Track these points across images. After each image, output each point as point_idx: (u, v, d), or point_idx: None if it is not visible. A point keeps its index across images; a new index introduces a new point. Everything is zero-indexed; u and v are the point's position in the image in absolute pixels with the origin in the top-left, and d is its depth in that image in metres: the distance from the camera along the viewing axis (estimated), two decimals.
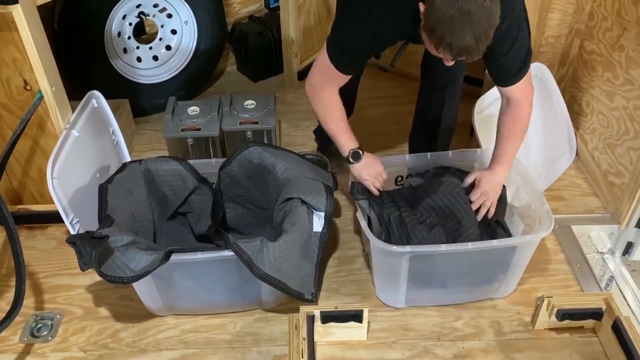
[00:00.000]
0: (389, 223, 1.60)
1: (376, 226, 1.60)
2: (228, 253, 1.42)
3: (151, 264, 1.37)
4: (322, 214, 1.56)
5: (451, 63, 1.31)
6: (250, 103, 2.15)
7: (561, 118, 2.09)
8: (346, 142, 1.61)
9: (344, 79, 1.54)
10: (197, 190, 1.74)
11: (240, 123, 2.08)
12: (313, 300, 1.56)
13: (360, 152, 1.61)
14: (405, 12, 1.34)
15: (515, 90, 1.51)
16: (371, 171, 1.63)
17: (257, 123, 2.08)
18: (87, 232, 1.38)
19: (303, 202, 1.57)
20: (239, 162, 1.72)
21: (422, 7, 1.28)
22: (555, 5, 2.14)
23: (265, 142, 2.10)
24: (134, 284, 1.46)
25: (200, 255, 1.44)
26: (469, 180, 1.64)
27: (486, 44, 1.25)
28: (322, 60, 1.51)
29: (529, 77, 1.51)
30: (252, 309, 1.63)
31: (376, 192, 1.63)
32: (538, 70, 2.04)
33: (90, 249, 1.33)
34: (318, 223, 1.57)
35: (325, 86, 1.56)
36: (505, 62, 1.46)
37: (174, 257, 1.40)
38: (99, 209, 1.53)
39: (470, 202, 1.62)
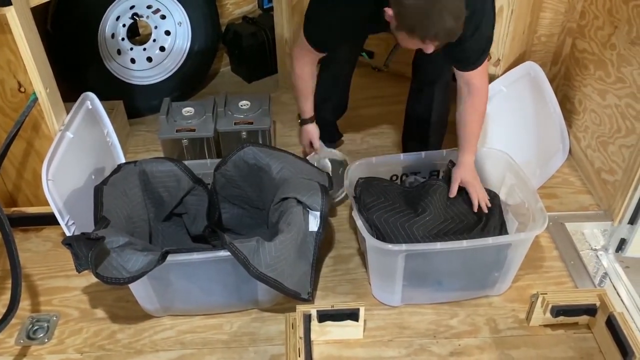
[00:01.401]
0: (377, 226, 1.60)
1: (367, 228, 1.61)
2: (224, 253, 1.42)
3: (147, 264, 1.38)
4: (318, 213, 1.57)
5: (431, 49, 1.36)
6: (244, 104, 2.15)
7: (554, 116, 2.11)
8: (301, 109, 1.90)
9: (315, 55, 1.70)
10: (192, 191, 1.74)
11: (235, 124, 2.08)
12: (309, 300, 1.56)
13: (304, 120, 1.93)
14: (363, 12, 1.42)
15: (476, 76, 1.58)
16: (303, 139, 1.99)
17: (252, 123, 2.08)
18: (83, 234, 1.38)
19: (299, 201, 1.57)
20: (234, 163, 1.72)
21: (389, 11, 1.32)
22: (547, 5, 2.16)
23: (260, 142, 2.10)
24: (130, 285, 1.46)
25: (196, 256, 1.44)
26: (455, 188, 1.68)
27: (463, 20, 1.31)
28: (301, 32, 1.66)
29: (486, 67, 1.59)
30: (248, 309, 1.63)
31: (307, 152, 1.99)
32: (530, 69, 2.05)
33: (87, 250, 1.33)
34: (314, 223, 1.57)
35: (300, 57, 1.73)
36: (471, 45, 1.51)
37: (170, 258, 1.41)
38: (94, 210, 1.53)
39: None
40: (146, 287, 1.50)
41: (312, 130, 1.96)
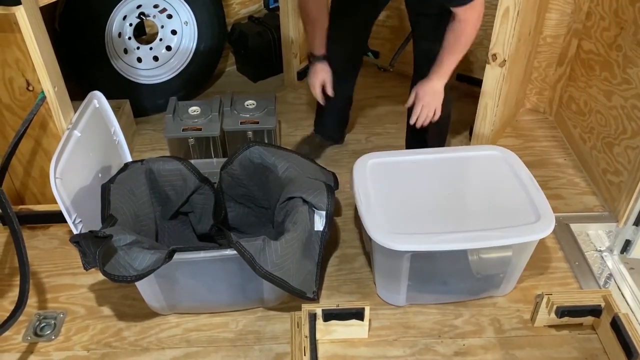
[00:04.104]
0: None
1: None
2: (230, 252, 1.43)
3: (154, 262, 1.38)
4: (324, 212, 1.58)
5: None
6: (250, 103, 2.16)
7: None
8: (311, 43, 1.84)
9: None
10: (198, 190, 1.75)
11: (240, 123, 2.09)
12: (315, 299, 1.57)
13: (315, 57, 1.84)
14: None
15: (461, 10, 1.59)
16: (313, 80, 1.86)
17: (257, 123, 2.09)
18: (90, 232, 1.39)
19: (304, 201, 1.58)
20: (240, 162, 1.73)
21: None
22: (553, 6, 2.16)
23: (266, 142, 2.11)
24: (137, 283, 1.47)
25: (203, 254, 1.45)
26: (411, 99, 1.77)
27: None
28: None
29: (475, 6, 1.58)
30: (254, 308, 1.64)
31: (318, 98, 1.88)
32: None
33: (94, 248, 1.34)
34: (319, 222, 1.58)
35: None
36: None
37: (177, 256, 1.41)
38: (101, 208, 1.54)
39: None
40: (152, 285, 1.51)
41: (325, 70, 1.85)
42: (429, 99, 1.73)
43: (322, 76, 1.85)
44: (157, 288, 1.52)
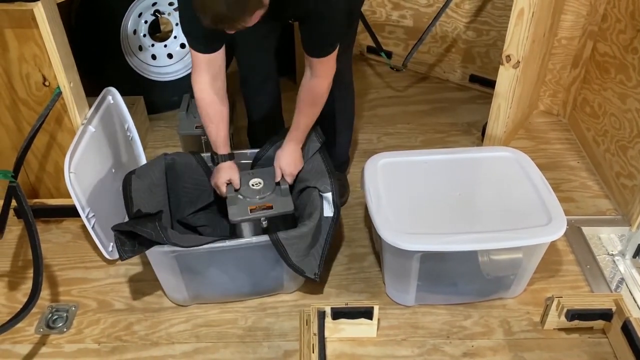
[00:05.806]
0: None
1: None
2: (257, 240, 1.49)
3: (200, 240, 1.46)
4: (329, 194, 1.60)
5: (231, 31, 1.31)
6: (256, 182, 1.71)
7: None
8: (212, 142, 1.67)
9: (203, 60, 1.55)
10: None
11: (251, 210, 1.70)
12: (316, 280, 1.55)
13: (221, 157, 1.66)
14: None
15: (317, 62, 1.55)
16: (218, 179, 1.66)
17: (271, 208, 1.66)
18: (139, 210, 1.45)
19: (310, 187, 1.62)
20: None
21: None
22: (568, 7, 2.14)
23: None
24: (160, 276, 1.53)
25: (232, 243, 1.49)
26: (279, 175, 1.68)
27: (244, 16, 1.25)
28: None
29: (331, 61, 1.55)
30: (273, 294, 1.67)
31: (223, 195, 1.67)
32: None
33: (151, 229, 1.41)
34: (329, 208, 1.60)
35: (195, 73, 1.59)
36: (312, 34, 1.51)
37: (207, 246, 1.47)
38: (124, 199, 1.55)
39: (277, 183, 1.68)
40: (177, 277, 1.53)
41: (232, 167, 1.66)
42: (293, 169, 1.69)
43: (227, 174, 1.65)
44: (180, 280, 1.55)
